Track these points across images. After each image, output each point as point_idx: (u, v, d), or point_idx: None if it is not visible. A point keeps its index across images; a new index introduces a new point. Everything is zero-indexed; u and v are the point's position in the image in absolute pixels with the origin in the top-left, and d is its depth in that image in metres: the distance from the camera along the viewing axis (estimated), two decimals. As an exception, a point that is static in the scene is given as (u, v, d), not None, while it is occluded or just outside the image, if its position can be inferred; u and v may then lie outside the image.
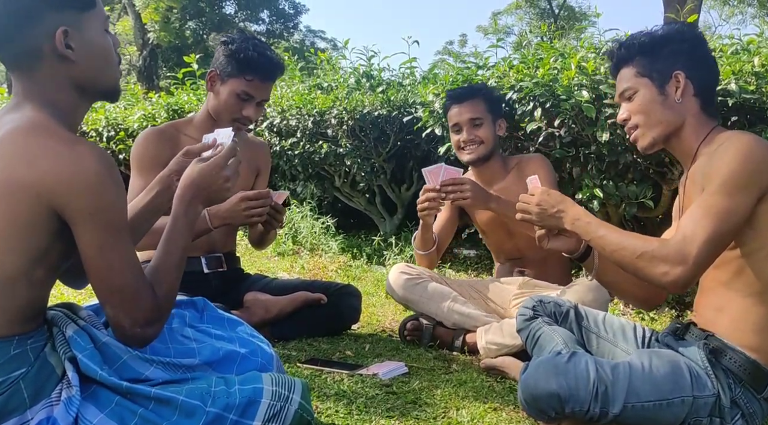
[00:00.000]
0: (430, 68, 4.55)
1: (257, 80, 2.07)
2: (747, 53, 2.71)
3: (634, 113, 1.49)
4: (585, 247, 1.58)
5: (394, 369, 1.88)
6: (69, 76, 1.13)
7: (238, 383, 1.18)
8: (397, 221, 4.67)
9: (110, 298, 1.09)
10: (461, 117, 2.35)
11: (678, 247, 1.29)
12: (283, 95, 4.85)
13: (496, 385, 1.85)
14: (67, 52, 1.11)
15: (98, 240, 1.06)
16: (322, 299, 2.27)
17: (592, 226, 1.44)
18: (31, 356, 1.08)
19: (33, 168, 1.03)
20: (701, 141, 1.44)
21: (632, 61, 1.50)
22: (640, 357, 1.39)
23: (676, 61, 1.45)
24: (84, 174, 1.04)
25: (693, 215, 1.32)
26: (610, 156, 2.93)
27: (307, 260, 4.04)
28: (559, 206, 1.50)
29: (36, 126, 1.07)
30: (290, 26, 27.60)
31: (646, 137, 1.49)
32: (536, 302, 1.73)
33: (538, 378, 1.33)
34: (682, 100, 1.44)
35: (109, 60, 1.18)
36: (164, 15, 19.94)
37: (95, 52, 1.15)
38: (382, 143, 4.26)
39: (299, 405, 1.18)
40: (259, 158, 2.34)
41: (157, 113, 5.70)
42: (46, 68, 1.12)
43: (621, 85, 1.52)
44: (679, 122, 1.45)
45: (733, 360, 1.35)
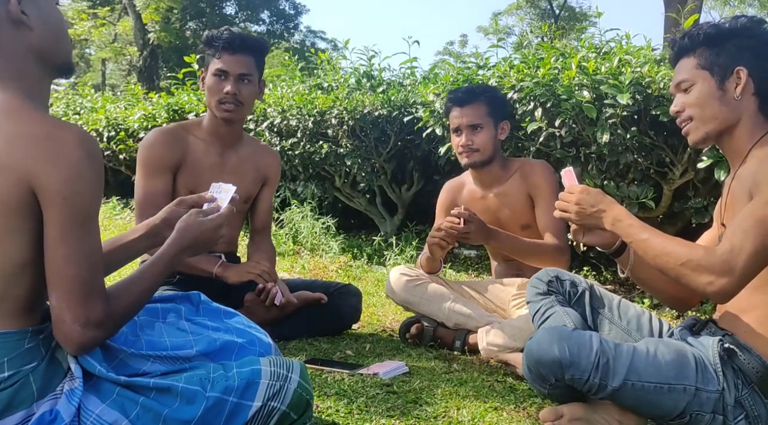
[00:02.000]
0: (430, 68, 4.56)
1: (226, 54, 2.12)
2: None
3: (689, 105, 1.43)
4: (620, 242, 1.54)
5: (394, 369, 1.88)
6: (28, 44, 1.12)
7: (236, 367, 1.19)
8: (397, 221, 4.67)
9: (59, 287, 1.05)
10: (461, 121, 2.32)
11: (725, 258, 1.25)
12: (283, 95, 4.85)
13: (496, 385, 1.85)
14: (22, 17, 1.10)
15: (64, 226, 1.04)
16: (322, 299, 2.27)
17: (634, 228, 1.40)
18: (42, 350, 1.10)
19: (13, 150, 1.02)
20: (755, 143, 1.38)
21: (694, 52, 1.43)
22: (647, 343, 1.38)
23: (740, 57, 1.39)
24: (65, 157, 1.03)
25: (742, 226, 1.27)
26: (610, 156, 2.93)
27: (308, 261, 4.04)
28: (600, 206, 1.46)
29: (12, 110, 1.06)
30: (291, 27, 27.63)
31: (699, 132, 1.43)
32: (552, 277, 1.68)
33: (542, 342, 1.34)
34: (741, 97, 1.39)
35: (62, 31, 1.19)
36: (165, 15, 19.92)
37: (50, 21, 1.15)
38: (383, 143, 4.26)
39: (298, 384, 1.18)
40: (268, 167, 2.34)
41: (157, 113, 5.70)
42: (6, 35, 1.11)
43: (678, 76, 1.46)
44: (734, 119, 1.40)
45: (747, 362, 1.33)
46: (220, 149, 2.21)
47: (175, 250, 1.27)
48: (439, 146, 3.67)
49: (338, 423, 1.50)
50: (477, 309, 2.24)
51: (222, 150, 2.22)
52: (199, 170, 2.17)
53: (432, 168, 4.33)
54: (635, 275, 1.56)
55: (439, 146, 3.68)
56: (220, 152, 2.21)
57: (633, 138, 2.81)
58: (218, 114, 2.15)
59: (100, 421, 1.08)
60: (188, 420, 1.10)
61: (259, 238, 2.35)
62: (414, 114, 3.95)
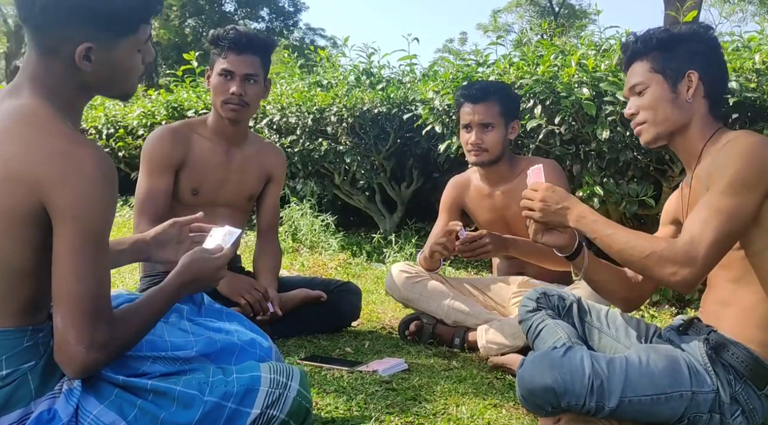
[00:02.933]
0: (430, 66, 4.56)
1: (232, 54, 2.10)
2: (748, 51, 2.71)
3: (644, 108, 1.48)
4: (577, 245, 1.57)
5: (393, 366, 1.88)
6: (80, 79, 1.12)
7: (235, 372, 1.19)
8: (396, 218, 4.67)
9: (64, 307, 1.03)
10: (473, 118, 2.28)
11: (686, 248, 1.29)
12: (282, 93, 4.84)
13: (495, 382, 1.85)
14: (83, 64, 1.09)
15: (73, 246, 1.02)
16: (321, 297, 2.27)
17: (598, 224, 1.43)
18: (41, 349, 1.09)
19: (28, 162, 1.01)
20: (706, 141, 1.43)
21: (647, 56, 1.48)
22: (638, 351, 1.39)
23: (691, 61, 1.44)
24: (79, 176, 1.01)
25: (699, 216, 1.31)
26: (610, 154, 2.93)
27: (307, 258, 4.04)
28: (564, 203, 1.49)
29: (38, 120, 1.05)
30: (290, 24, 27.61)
31: (650, 132, 1.48)
32: (540, 295, 1.71)
33: (534, 372, 1.33)
34: (692, 99, 1.44)
35: (127, 77, 1.16)
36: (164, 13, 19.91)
37: (115, 69, 1.13)
38: (382, 141, 4.25)
39: (297, 392, 1.18)
40: (274, 165, 2.34)
41: (156, 110, 5.69)
42: (60, 67, 1.10)
43: (632, 80, 1.50)
44: (686, 121, 1.45)
45: (735, 356, 1.35)
46: (225, 147, 2.21)
47: (178, 282, 1.24)
48: (439, 144, 3.66)
49: (337, 420, 1.50)
50: (476, 307, 2.24)
51: (227, 148, 2.22)
52: (203, 168, 2.17)
53: (431, 166, 4.32)
54: (588, 277, 1.59)
55: (439, 143, 3.67)
56: (225, 150, 2.21)
57: (632, 135, 2.81)
58: (224, 114, 2.15)
59: (98, 422, 1.08)
60: (185, 424, 1.10)
61: (265, 239, 2.34)
62: (413, 111, 3.95)
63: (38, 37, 1.09)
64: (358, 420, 1.50)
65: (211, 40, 2.15)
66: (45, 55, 1.10)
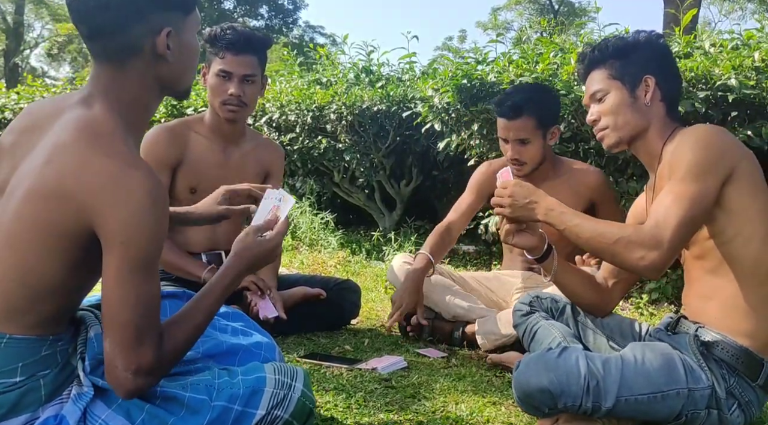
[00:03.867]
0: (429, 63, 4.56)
1: (230, 55, 2.08)
2: (747, 48, 2.71)
3: (605, 114, 1.53)
4: (546, 247, 1.59)
5: (393, 364, 1.88)
6: (158, 74, 1.12)
7: (241, 374, 1.18)
8: (396, 216, 4.67)
9: (113, 332, 1.02)
10: (508, 134, 2.24)
11: (652, 232, 1.33)
12: (282, 90, 4.84)
13: (494, 379, 1.85)
14: (166, 52, 1.10)
15: (121, 270, 1.01)
16: (321, 295, 2.27)
17: (566, 215, 1.46)
18: (59, 358, 1.08)
19: (81, 181, 1.00)
20: (665, 141, 1.49)
21: (605, 64, 1.53)
22: (633, 350, 1.40)
23: (646, 67, 1.50)
24: (128, 201, 0.99)
25: (663, 202, 1.36)
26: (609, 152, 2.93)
27: (306, 256, 4.04)
28: (532, 197, 1.51)
29: (100, 134, 1.04)
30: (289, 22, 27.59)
31: (612, 137, 1.53)
32: (533, 298, 1.73)
33: (529, 374, 1.34)
34: (650, 103, 1.49)
35: (195, 63, 1.19)
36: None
37: (188, 54, 1.15)
38: (382, 139, 4.25)
39: (302, 393, 1.18)
40: (271, 160, 2.33)
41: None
42: (139, 64, 1.10)
43: (592, 87, 1.55)
44: (645, 124, 1.50)
45: (725, 350, 1.36)
46: (222, 145, 2.21)
47: (234, 274, 1.22)
48: (438, 142, 3.66)
49: (337, 417, 1.50)
50: (476, 303, 2.24)
51: (224, 146, 2.21)
52: (200, 167, 2.16)
53: (431, 163, 4.32)
54: (557, 279, 1.62)
55: (438, 141, 3.67)
56: (222, 148, 2.21)
57: (632, 133, 2.81)
58: (222, 115, 2.14)
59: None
60: None
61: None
62: (413, 109, 3.95)
63: (113, 43, 1.08)
64: (357, 418, 1.50)
65: (208, 40, 2.12)
66: (121, 63, 1.09)
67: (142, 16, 1.07)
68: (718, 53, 2.73)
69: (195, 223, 1.52)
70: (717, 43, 2.79)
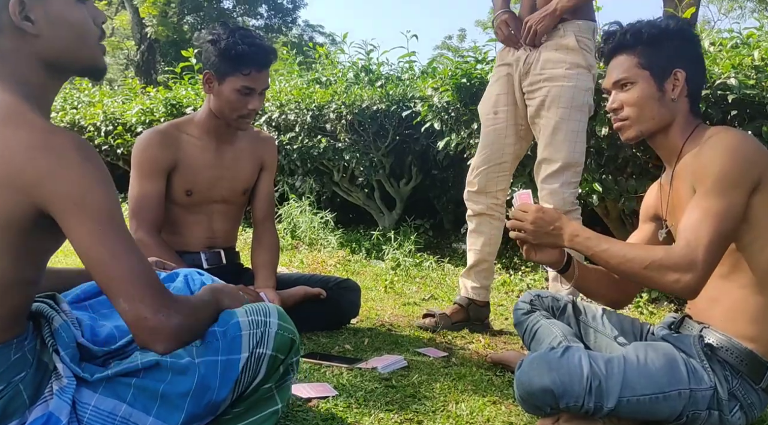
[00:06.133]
0: (429, 63, 4.55)
1: (254, 72, 2.05)
2: (747, 47, 2.71)
3: (629, 105, 1.46)
4: (567, 259, 1.58)
5: (393, 363, 1.88)
6: (33, 51, 1.06)
7: (216, 326, 1.16)
8: (395, 215, 4.67)
9: (121, 288, 1.00)
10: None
11: (684, 253, 1.29)
12: (281, 90, 4.84)
13: (495, 379, 1.85)
14: (24, 24, 1.04)
15: (90, 231, 0.99)
16: (321, 294, 2.26)
17: (592, 241, 1.42)
18: (30, 357, 1.06)
19: (11, 164, 0.98)
20: (686, 138, 1.44)
21: (635, 50, 1.46)
22: (636, 349, 1.39)
23: (677, 59, 1.43)
24: (64, 165, 0.98)
25: (691, 219, 1.31)
26: (609, 150, 2.93)
27: (306, 255, 4.04)
28: (557, 223, 1.48)
29: (9, 114, 1.00)
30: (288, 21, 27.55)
31: (633, 130, 1.47)
32: (534, 297, 1.72)
33: (532, 374, 1.33)
34: (677, 99, 1.43)
35: (81, 34, 1.10)
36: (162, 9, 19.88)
37: (62, 25, 1.07)
38: (381, 138, 4.25)
39: (278, 326, 1.17)
40: (265, 152, 2.32)
41: (155, 107, 5.69)
42: (7, 42, 1.05)
43: (617, 73, 1.48)
44: (669, 120, 1.45)
45: (730, 352, 1.35)
46: (215, 145, 2.19)
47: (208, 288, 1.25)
48: (438, 141, 3.66)
49: (337, 416, 1.50)
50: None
51: (217, 146, 2.20)
52: (195, 168, 2.15)
53: (430, 162, 4.32)
54: (578, 285, 1.61)
55: (438, 140, 3.67)
56: (215, 148, 2.20)
57: (631, 132, 2.81)
58: (236, 126, 2.13)
59: (98, 411, 1.05)
60: (186, 392, 1.08)
61: (261, 229, 2.32)
62: (412, 108, 3.95)
63: None
64: (358, 418, 1.50)
65: (230, 56, 2.03)
66: None
67: None
68: (717, 52, 2.74)
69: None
70: (716, 42, 2.80)
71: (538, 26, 2.23)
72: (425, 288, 3.30)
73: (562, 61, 2.22)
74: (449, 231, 4.65)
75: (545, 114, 2.24)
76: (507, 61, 2.38)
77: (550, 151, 2.23)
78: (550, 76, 2.23)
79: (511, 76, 2.35)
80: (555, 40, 2.25)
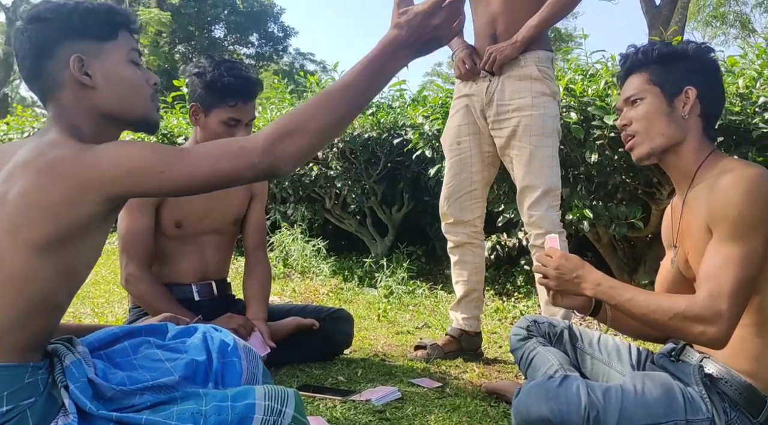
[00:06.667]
0: (419, 91, 4.59)
1: (240, 103, 2.06)
2: (732, 75, 2.75)
3: (637, 119, 1.45)
4: (595, 303, 1.56)
5: (387, 395, 1.86)
6: (91, 103, 1.17)
7: (230, 399, 1.16)
8: (388, 242, 4.66)
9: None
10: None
11: (707, 304, 1.26)
12: (273, 118, 4.86)
13: (490, 410, 1.84)
14: (83, 78, 1.16)
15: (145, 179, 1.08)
16: (314, 325, 2.25)
17: (616, 290, 1.39)
18: (41, 386, 1.09)
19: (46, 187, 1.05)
20: (700, 164, 1.41)
21: (646, 68, 1.45)
22: (633, 379, 1.38)
23: (690, 78, 1.42)
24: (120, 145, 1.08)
25: (712, 266, 1.28)
26: (599, 177, 2.95)
27: (299, 284, 4.01)
28: (578, 272, 1.45)
29: (54, 143, 1.10)
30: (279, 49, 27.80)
31: (644, 146, 1.45)
32: (530, 322, 1.71)
33: (530, 402, 1.32)
34: (688, 116, 1.41)
35: (135, 90, 1.21)
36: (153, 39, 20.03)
37: (117, 80, 1.19)
38: (373, 165, 4.27)
39: (292, 418, 1.17)
40: (255, 183, 2.31)
41: (146, 136, 5.69)
42: (69, 94, 1.17)
43: (628, 91, 1.48)
44: (680, 138, 1.42)
45: (729, 384, 1.34)
46: None
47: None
48: (429, 168, 3.68)
49: (331, 452, 1.48)
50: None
51: None
52: (183, 200, 2.13)
53: (422, 189, 4.34)
54: (613, 326, 1.60)
55: (429, 167, 3.69)
56: None
57: (621, 159, 2.84)
58: None
59: None
60: None
61: (253, 259, 2.31)
62: (403, 136, 3.97)
63: (41, 85, 1.19)
64: (352, 452, 1.48)
65: (217, 88, 2.04)
66: (56, 99, 1.18)
67: (51, 55, 1.16)
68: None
69: None
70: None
71: (500, 55, 2.28)
72: (418, 316, 3.28)
73: (528, 90, 2.28)
74: (441, 257, 4.65)
75: (517, 144, 2.29)
76: (464, 92, 2.44)
77: (531, 178, 2.27)
78: (518, 106, 2.28)
79: (470, 107, 2.41)
80: (516, 70, 2.31)
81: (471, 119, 2.41)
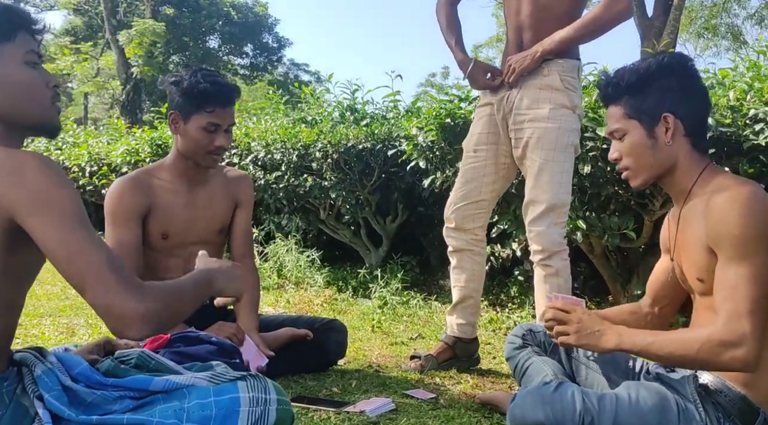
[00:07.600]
0: (413, 101, 4.61)
1: (218, 108, 2.07)
2: (723, 88, 2.78)
3: (625, 154, 1.47)
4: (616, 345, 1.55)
5: (381, 406, 1.86)
6: None
7: (213, 394, 1.15)
8: (382, 253, 4.67)
9: (89, 280, 1.00)
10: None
11: (729, 327, 1.26)
12: (267, 129, 4.87)
13: (483, 421, 1.84)
14: None
15: (54, 228, 1.01)
16: (308, 335, 2.24)
17: (637, 337, 1.38)
18: (6, 399, 1.06)
19: None
20: (695, 181, 1.42)
21: (620, 101, 1.47)
22: (628, 388, 1.39)
23: (664, 100, 1.42)
24: (25, 174, 1.02)
25: (726, 290, 1.29)
26: (592, 188, 2.97)
27: (293, 294, 4.01)
28: (599, 327, 1.43)
29: None
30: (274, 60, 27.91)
31: (638, 179, 1.48)
32: (526, 331, 1.72)
33: (525, 408, 1.33)
34: (672, 142, 1.42)
35: (30, 95, 1.16)
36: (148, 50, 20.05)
37: (9, 84, 1.13)
38: (367, 176, 4.28)
39: (278, 402, 1.16)
40: (238, 190, 2.30)
41: (140, 147, 5.69)
42: None
43: (611, 125, 1.50)
44: (670, 163, 1.43)
45: (723, 394, 1.35)
46: (187, 187, 2.18)
47: (204, 268, 1.28)
48: (423, 178, 3.69)
49: (325, 463, 1.48)
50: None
51: (190, 188, 2.18)
52: (168, 211, 2.14)
53: (416, 200, 4.35)
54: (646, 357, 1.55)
55: (423, 178, 3.70)
56: (188, 190, 2.18)
57: (613, 170, 2.85)
58: (204, 164, 2.13)
59: None
60: None
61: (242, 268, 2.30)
62: (398, 147, 3.99)
63: None
64: (346, 464, 1.48)
65: (189, 94, 2.06)
66: None
67: None
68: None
69: None
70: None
71: (519, 66, 2.27)
72: (412, 327, 3.28)
73: (546, 101, 2.25)
74: (436, 268, 4.65)
75: (530, 155, 2.27)
76: (488, 100, 2.42)
77: (536, 192, 2.25)
78: (533, 117, 2.26)
79: (493, 115, 2.39)
80: (539, 79, 2.27)
81: (493, 128, 2.38)
